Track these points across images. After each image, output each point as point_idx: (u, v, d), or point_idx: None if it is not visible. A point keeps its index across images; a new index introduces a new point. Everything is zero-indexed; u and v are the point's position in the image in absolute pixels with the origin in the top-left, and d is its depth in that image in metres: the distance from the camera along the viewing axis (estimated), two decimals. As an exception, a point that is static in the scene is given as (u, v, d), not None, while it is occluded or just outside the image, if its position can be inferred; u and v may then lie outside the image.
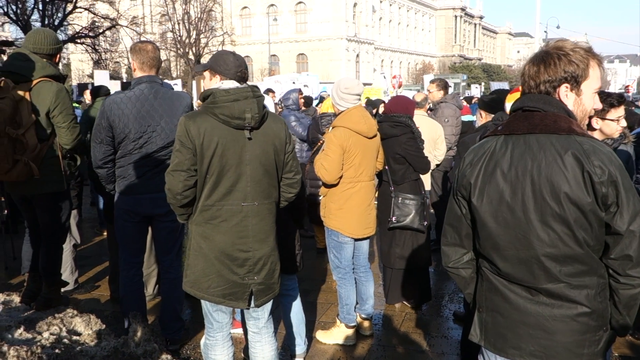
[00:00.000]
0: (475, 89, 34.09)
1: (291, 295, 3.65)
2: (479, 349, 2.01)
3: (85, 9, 29.71)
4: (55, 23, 28.65)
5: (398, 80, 24.85)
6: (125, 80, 23.17)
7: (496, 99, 4.37)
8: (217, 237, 2.65)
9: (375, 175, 4.31)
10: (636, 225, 1.68)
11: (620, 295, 1.77)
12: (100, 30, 30.98)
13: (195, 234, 2.69)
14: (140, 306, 3.87)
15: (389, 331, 4.41)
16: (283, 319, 3.68)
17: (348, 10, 62.29)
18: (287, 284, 3.51)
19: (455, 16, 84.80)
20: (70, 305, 4.26)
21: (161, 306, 4.02)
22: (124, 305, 3.86)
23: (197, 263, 2.69)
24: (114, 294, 4.80)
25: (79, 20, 31.68)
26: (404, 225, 4.41)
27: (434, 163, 5.93)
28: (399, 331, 4.40)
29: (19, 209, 4.58)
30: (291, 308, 3.67)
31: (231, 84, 2.68)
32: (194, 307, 4.58)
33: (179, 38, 43.51)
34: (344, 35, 61.67)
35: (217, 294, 2.69)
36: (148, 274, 4.72)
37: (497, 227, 1.82)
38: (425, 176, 5.12)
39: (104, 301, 4.98)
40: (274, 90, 11.23)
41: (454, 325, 4.51)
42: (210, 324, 2.88)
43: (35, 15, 28.64)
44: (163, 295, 4.01)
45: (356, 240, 4.09)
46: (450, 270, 2.07)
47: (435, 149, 6.02)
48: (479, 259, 1.98)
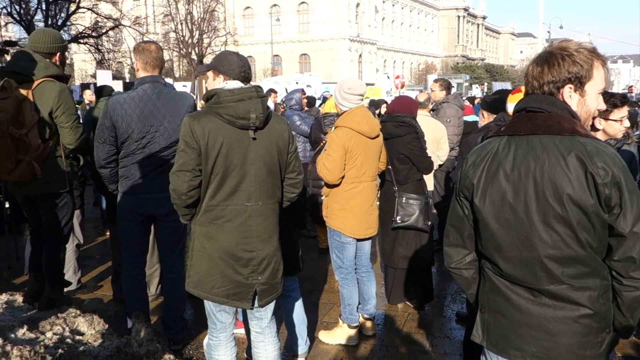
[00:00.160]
0: (476, 89, 34.06)
1: (292, 296, 3.66)
2: (482, 349, 2.00)
3: (89, 9, 29.80)
4: (59, 23, 28.74)
5: (401, 81, 24.84)
6: (128, 81, 23.20)
7: (498, 99, 4.37)
8: (222, 237, 2.65)
9: (378, 175, 4.31)
10: None
11: (624, 297, 1.76)
12: (103, 31, 31.07)
13: (198, 234, 2.69)
14: (143, 306, 3.87)
15: (391, 331, 4.41)
16: (284, 319, 3.68)
17: (351, 11, 62.27)
18: (287, 285, 3.51)
19: (458, 16, 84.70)
20: (73, 305, 4.27)
21: (164, 306, 4.03)
22: (127, 305, 3.87)
23: (201, 263, 2.69)
24: (117, 294, 4.81)
25: (82, 21, 31.79)
26: (408, 225, 4.41)
27: (437, 163, 5.92)
28: (402, 331, 4.40)
29: (22, 209, 4.59)
30: (292, 309, 3.67)
31: (235, 84, 2.68)
32: (197, 307, 4.58)
33: (181, 38, 43.55)
34: (346, 35, 61.65)
35: (221, 294, 2.69)
36: (150, 274, 4.72)
37: (500, 228, 1.81)
38: (428, 176, 5.11)
39: (106, 301, 4.99)
40: (277, 90, 11.22)
41: (457, 325, 4.50)
42: (214, 324, 2.89)
43: (39, 16, 28.79)
44: (166, 295, 4.02)
45: (358, 240, 4.09)
46: (453, 271, 2.07)
47: (438, 149, 6.01)
48: (481, 260, 1.97)
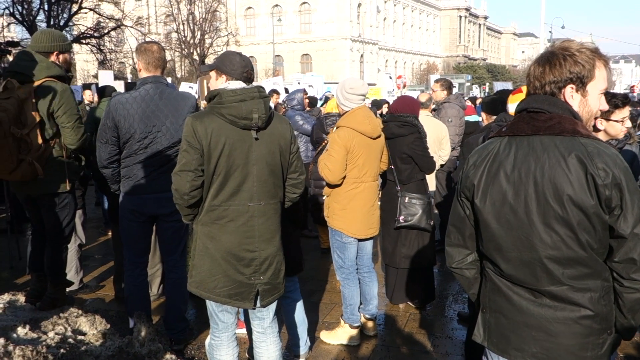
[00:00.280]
0: (476, 89, 34.03)
1: (292, 297, 3.65)
2: (483, 350, 2.00)
3: (91, 9, 29.84)
4: (61, 24, 28.76)
5: (403, 81, 24.83)
6: (130, 81, 23.22)
7: (496, 100, 4.37)
8: (224, 237, 2.65)
9: (379, 175, 4.31)
10: None
11: (625, 299, 1.75)
12: (105, 31, 31.09)
13: (201, 234, 2.70)
14: (145, 306, 3.88)
15: (393, 331, 4.41)
16: (285, 320, 3.67)
17: (352, 11, 62.28)
18: (287, 286, 3.50)
19: (460, 16, 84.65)
20: (75, 305, 4.27)
21: (166, 306, 4.03)
22: (129, 305, 3.87)
23: (203, 263, 2.69)
24: (119, 294, 4.82)
25: (84, 21, 31.82)
26: (411, 225, 4.40)
27: (439, 163, 5.92)
28: (403, 331, 4.40)
29: (24, 209, 4.60)
30: (292, 309, 3.67)
31: (238, 84, 2.68)
32: (199, 307, 4.59)
33: (183, 38, 43.61)
34: (348, 35, 61.66)
35: (223, 294, 2.69)
36: (152, 274, 4.73)
37: (500, 229, 1.81)
38: (430, 176, 5.11)
39: (108, 301, 4.99)
40: (279, 91, 11.21)
41: (458, 325, 4.50)
42: (216, 324, 2.89)
43: (41, 16, 28.81)
44: (167, 295, 4.02)
45: (360, 240, 4.09)
46: (454, 271, 2.07)
47: (440, 149, 6.01)
48: (483, 260, 1.97)
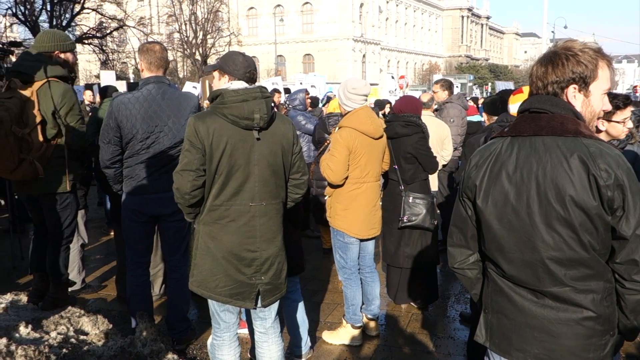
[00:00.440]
0: (476, 90, 34.02)
1: (293, 297, 3.65)
2: (485, 350, 2.00)
3: (93, 9, 29.89)
4: (63, 24, 28.81)
5: (405, 81, 24.82)
6: (132, 81, 23.25)
7: (497, 100, 4.36)
8: (225, 237, 2.66)
9: (381, 175, 4.30)
10: None
11: (627, 300, 1.75)
12: (108, 31, 31.13)
13: (202, 233, 2.70)
14: (147, 306, 3.88)
15: (395, 332, 4.41)
16: (285, 320, 3.67)
17: (354, 11, 62.26)
18: (288, 286, 3.49)
19: (462, 16, 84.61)
20: (78, 305, 4.27)
21: (168, 306, 4.03)
22: (131, 305, 3.87)
23: (205, 263, 2.69)
24: (121, 294, 4.82)
25: (87, 21, 31.85)
26: (415, 224, 4.39)
27: (441, 163, 5.92)
28: (405, 332, 4.40)
29: (26, 209, 4.60)
30: (292, 310, 3.67)
31: (240, 84, 2.68)
32: (201, 307, 4.59)
33: (185, 39, 43.63)
34: (350, 35, 61.65)
35: (225, 293, 2.70)
36: (154, 274, 4.74)
37: (502, 230, 1.81)
38: (432, 177, 5.11)
39: (110, 301, 5.00)
40: (280, 91, 11.22)
41: (461, 326, 4.49)
42: (218, 324, 2.89)
43: (44, 16, 28.85)
44: (169, 295, 4.03)
45: (362, 240, 4.09)
46: (457, 271, 2.07)
47: (442, 149, 6.01)
48: (485, 261, 1.97)
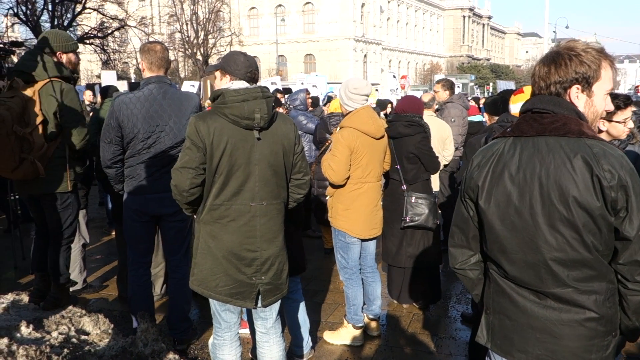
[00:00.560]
0: (476, 90, 34.05)
1: (294, 297, 3.65)
2: (487, 351, 2.00)
3: (94, 9, 29.89)
4: (65, 24, 28.82)
5: (407, 81, 24.82)
6: (133, 81, 23.27)
7: (498, 100, 4.35)
8: (225, 237, 2.66)
9: (383, 175, 4.30)
10: None
11: (629, 301, 1.75)
12: (109, 31, 31.13)
13: (203, 232, 2.70)
14: (149, 306, 3.88)
15: (396, 332, 4.40)
16: (286, 320, 3.67)
17: (356, 11, 62.25)
18: (289, 286, 3.50)
19: (464, 16, 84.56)
20: (79, 305, 4.27)
21: (169, 306, 4.03)
22: (132, 304, 3.87)
23: (205, 262, 2.70)
24: (122, 294, 4.82)
25: (88, 21, 31.88)
26: (418, 224, 4.39)
27: (442, 163, 5.91)
28: (407, 332, 4.39)
29: (28, 209, 4.61)
30: (294, 310, 3.67)
31: (241, 84, 2.68)
32: (202, 307, 4.59)
33: (187, 38, 43.67)
34: (351, 35, 61.63)
35: (225, 292, 2.70)
36: (155, 274, 4.73)
37: (505, 230, 1.80)
38: (433, 177, 5.10)
39: (112, 301, 5.00)
40: (282, 91, 11.23)
41: (462, 326, 4.49)
42: (219, 323, 2.89)
43: (45, 16, 28.84)
44: (171, 295, 4.02)
45: (363, 240, 4.09)
46: (458, 272, 2.06)
47: (444, 149, 6.01)
48: (487, 262, 1.96)
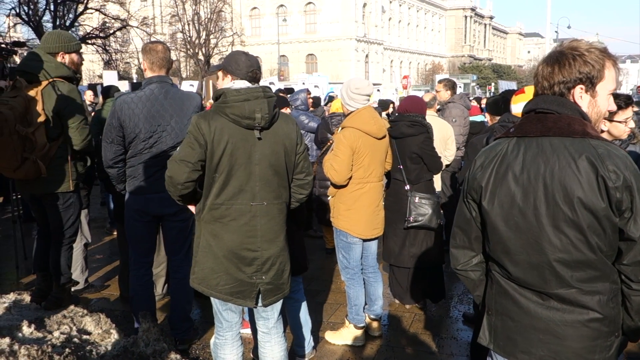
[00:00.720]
0: (478, 90, 34.06)
1: (295, 297, 3.64)
2: (488, 351, 1.99)
3: (96, 9, 29.93)
4: (67, 24, 28.87)
5: (408, 81, 24.83)
6: (135, 81, 23.28)
7: (499, 100, 4.35)
8: (226, 236, 2.66)
9: (384, 175, 4.30)
10: None
11: (632, 302, 1.74)
12: (111, 31, 31.17)
13: (204, 231, 2.71)
14: (150, 305, 3.88)
15: (397, 332, 4.40)
16: (288, 320, 3.67)
17: (357, 11, 62.26)
18: (291, 286, 3.50)
19: (465, 16, 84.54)
20: (81, 305, 4.28)
21: (170, 306, 4.03)
22: (134, 304, 3.87)
23: (206, 261, 2.70)
24: (124, 294, 4.82)
25: (90, 21, 31.95)
26: (421, 224, 4.38)
27: (444, 163, 5.91)
28: (408, 332, 4.39)
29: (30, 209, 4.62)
30: (295, 310, 3.66)
31: (242, 84, 2.68)
32: (203, 307, 4.59)
33: (188, 39, 43.70)
34: (353, 35, 61.65)
35: (225, 291, 2.70)
36: (157, 274, 4.73)
37: (508, 231, 1.80)
38: (436, 177, 5.10)
39: (113, 300, 5.00)
40: (284, 91, 11.24)
41: (464, 326, 4.48)
42: (220, 323, 2.89)
43: (47, 16, 28.89)
44: (172, 295, 4.02)
45: (365, 240, 4.09)
46: (459, 273, 2.05)
47: (446, 149, 6.00)
48: (489, 263, 1.96)
